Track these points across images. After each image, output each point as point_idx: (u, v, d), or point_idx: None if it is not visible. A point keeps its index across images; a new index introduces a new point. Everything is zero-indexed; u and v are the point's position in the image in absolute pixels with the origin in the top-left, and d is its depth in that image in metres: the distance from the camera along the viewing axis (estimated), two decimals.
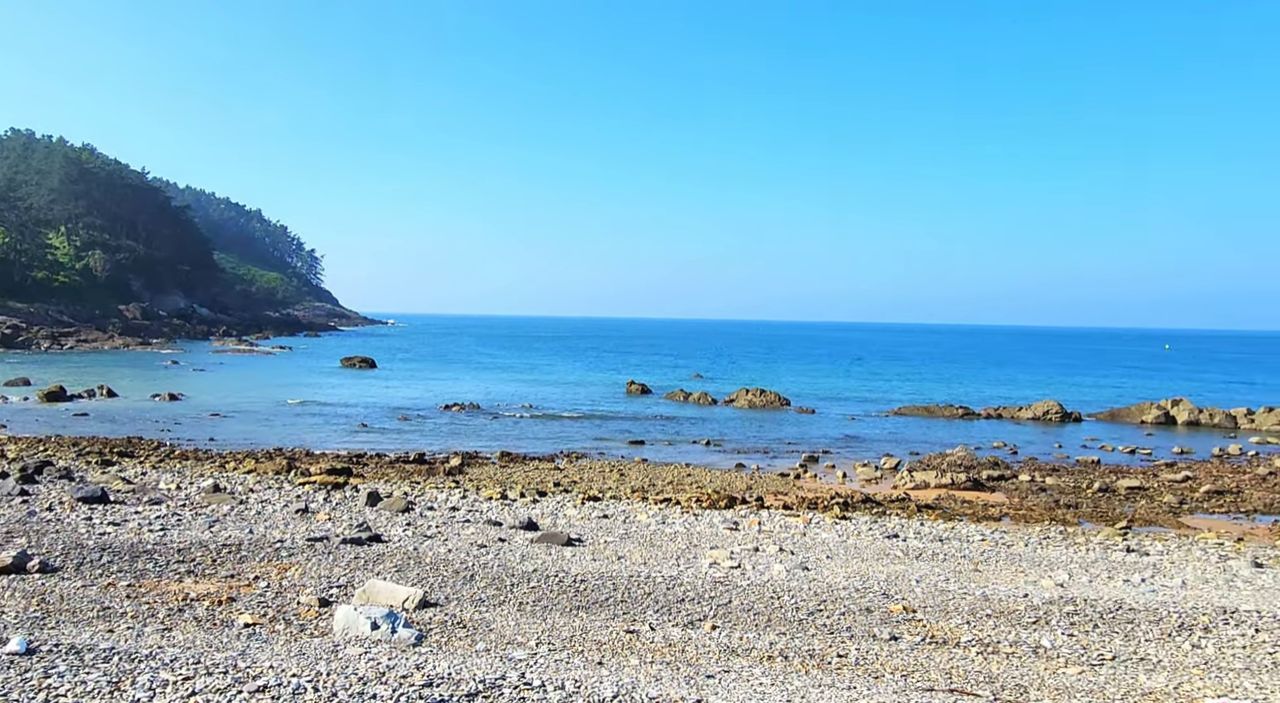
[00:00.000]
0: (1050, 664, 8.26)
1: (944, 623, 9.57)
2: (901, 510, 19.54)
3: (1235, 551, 15.19)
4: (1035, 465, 27.43)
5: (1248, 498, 22.15)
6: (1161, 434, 37.19)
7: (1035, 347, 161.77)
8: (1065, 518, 19.42)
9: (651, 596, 10.25)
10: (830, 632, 9.11)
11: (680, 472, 25.09)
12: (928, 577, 11.89)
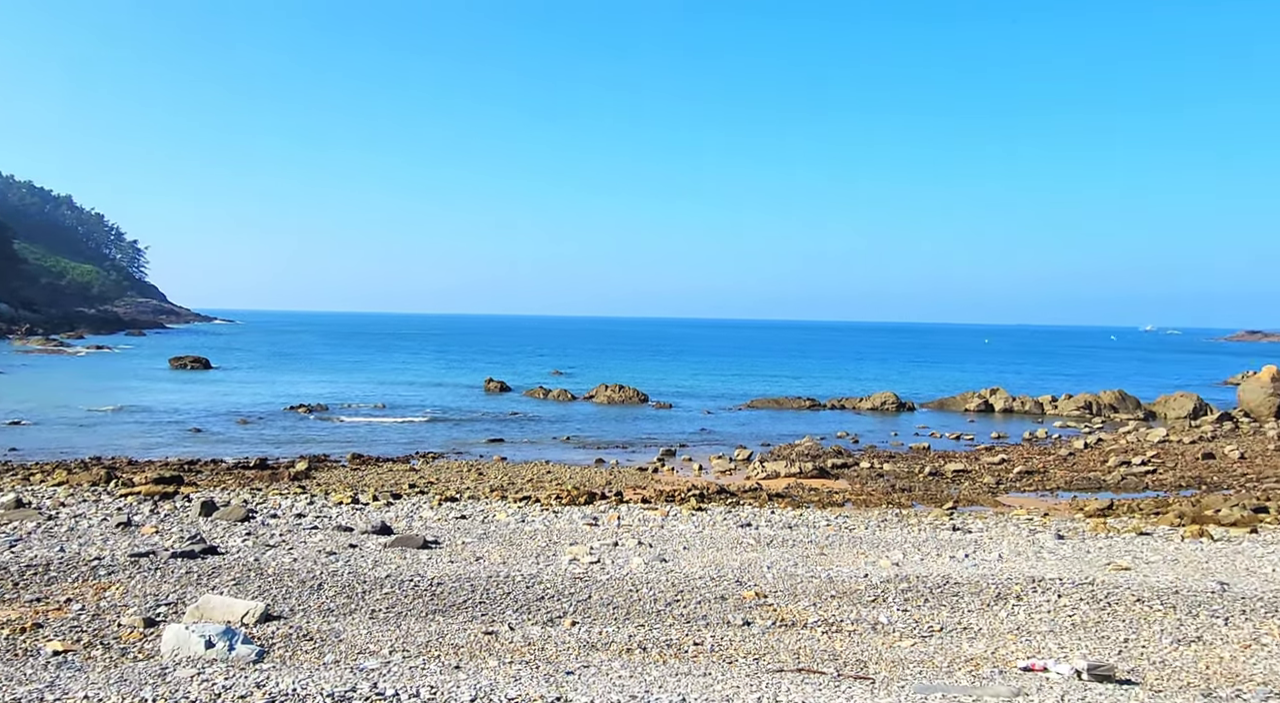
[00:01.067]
0: (887, 639, 8.86)
1: (793, 606, 10.05)
2: (754, 500, 20.34)
3: (1042, 525, 16.85)
4: (874, 453, 29.32)
5: (1052, 477, 24.67)
6: (982, 421, 40.71)
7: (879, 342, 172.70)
8: (900, 501, 20.88)
9: (511, 595, 10.15)
10: (687, 621, 9.36)
11: (540, 469, 24.97)
12: (778, 563, 12.44)
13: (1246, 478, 24.08)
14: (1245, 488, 22.64)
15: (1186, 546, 14.46)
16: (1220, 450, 28.14)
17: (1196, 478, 24.31)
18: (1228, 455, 27.35)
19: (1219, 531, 16.25)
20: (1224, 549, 14.09)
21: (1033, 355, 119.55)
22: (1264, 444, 29.60)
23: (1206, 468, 25.78)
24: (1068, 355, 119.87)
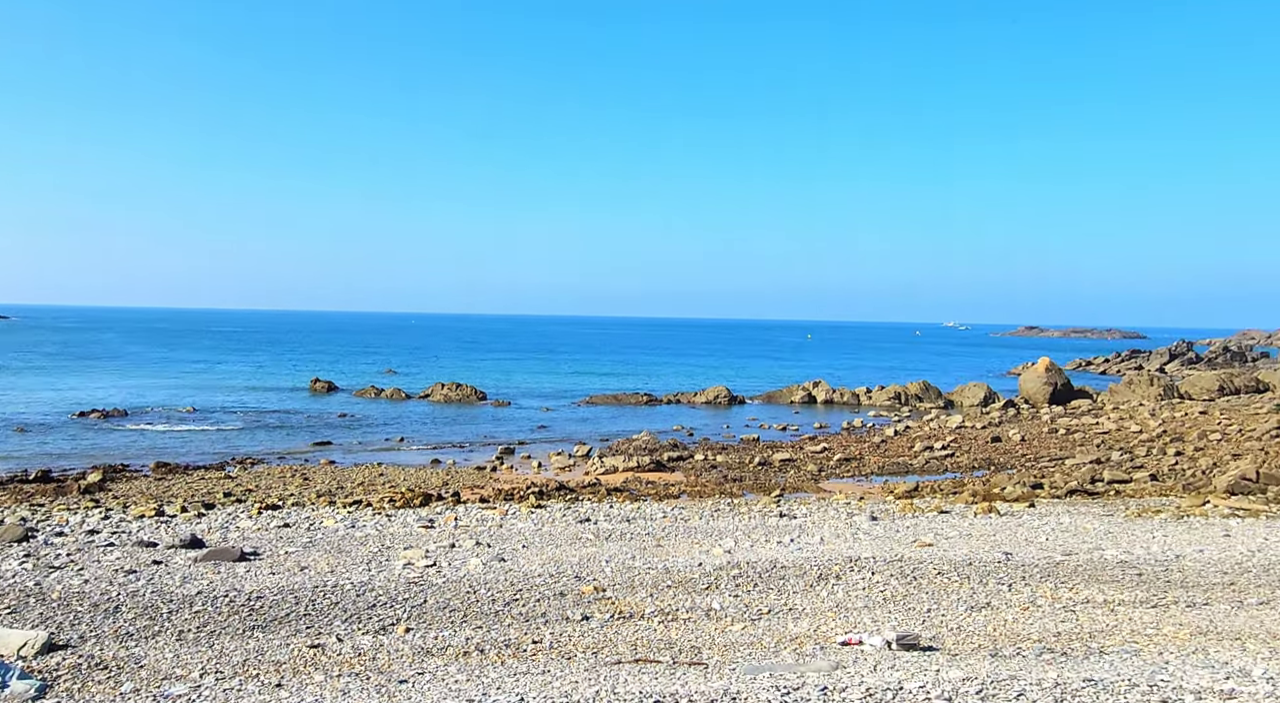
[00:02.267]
0: (720, 624, 9.22)
1: (630, 598, 10.23)
2: (593, 495, 20.52)
3: (859, 508, 18.16)
4: (708, 445, 30.41)
5: (867, 463, 26.63)
6: (806, 412, 43.26)
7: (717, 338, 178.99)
8: (732, 491, 21.80)
9: (340, 605, 9.65)
10: (526, 620, 9.30)
11: (372, 472, 23.93)
12: (617, 556, 12.62)
13: (1026, 458, 27.10)
14: (1025, 467, 25.49)
15: (978, 521, 16.08)
16: (1005, 434, 31.49)
17: (986, 460, 27.07)
18: (1011, 438, 30.65)
19: (1004, 506, 18.18)
20: (1009, 523, 15.79)
21: (850, 350, 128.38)
22: (1040, 428, 33.43)
23: (995, 450, 28.76)
24: (880, 350, 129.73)
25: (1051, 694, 5.52)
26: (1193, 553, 12.44)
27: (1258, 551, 12.57)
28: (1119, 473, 23.38)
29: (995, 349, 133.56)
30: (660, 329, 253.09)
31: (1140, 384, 43.93)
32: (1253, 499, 19.41)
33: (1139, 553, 12.50)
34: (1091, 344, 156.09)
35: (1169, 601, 9.83)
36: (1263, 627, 8.62)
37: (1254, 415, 33.18)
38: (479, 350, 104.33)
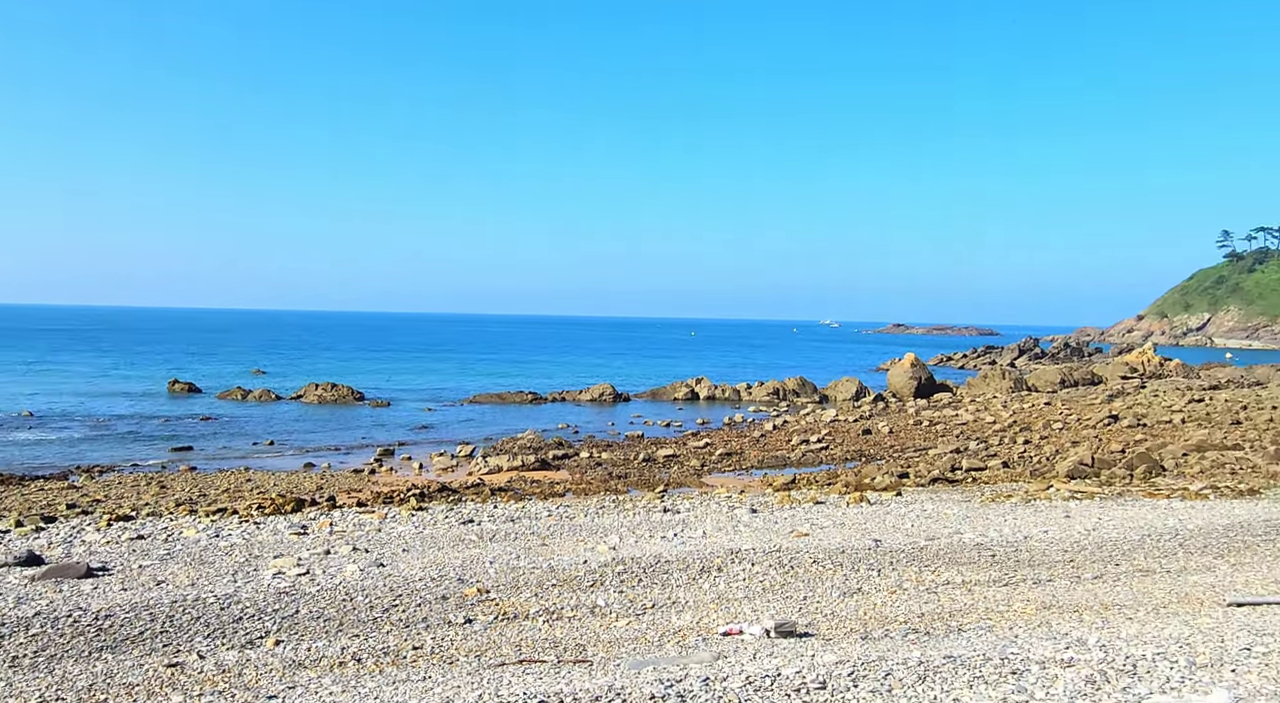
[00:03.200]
0: (605, 621, 9.27)
1: (515, 598, 10.13)
2: (477, 496, 20.18)
3: (739, 501, 18.67)
4: (593, 443, 30.48)
5: (748, 457, 27.41)
6: (689, 408, 44.07)
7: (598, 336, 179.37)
8: (617, 488, 21.94)
9: (202, 620, 9.08)
10: (406, 626, 9.04)
11: (238, 478, 22.62)
12: (501, 557, 12.46)
13: (894, 449, 28.64)
14: (893, 458, 26.92)
15: (851, 510, 16.86)
16: (875, 427, 33.16)
17: (858, 451, 28.42)
18: (881, 431, 32.30)
19: (874, 496, 19.15)
20: (878, 511, 16.64)
21: (731, 347, 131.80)
22: (906, 420, 35.39)
23: (866, 442, 30.23)
24: (760, 347, 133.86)
25: (916, 672, 5.85)
26: (1038, 534, 13.49)
27: (1093, 529, 13.77)
28: (976, 461, 25.06)
29: (866, 346, 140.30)
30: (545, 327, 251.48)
31: (994, 378, 47.25)
32: (1089, 483, 21.26)
33: (993, 536, 13.44)
34: (952, 341, 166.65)
35: (1018, 579, 10.63)
36: (1096, 599, 9.46)
37: (1090, 406, 36.35)
38: (359, 349, 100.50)
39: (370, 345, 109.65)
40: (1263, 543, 12.37)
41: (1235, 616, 8.02)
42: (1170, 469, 23.68)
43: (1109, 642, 6.77)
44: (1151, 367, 56.81)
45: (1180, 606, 8.93)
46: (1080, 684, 5.34)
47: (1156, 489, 20.01)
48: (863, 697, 5.35)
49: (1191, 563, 11.31)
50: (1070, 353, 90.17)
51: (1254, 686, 5.21)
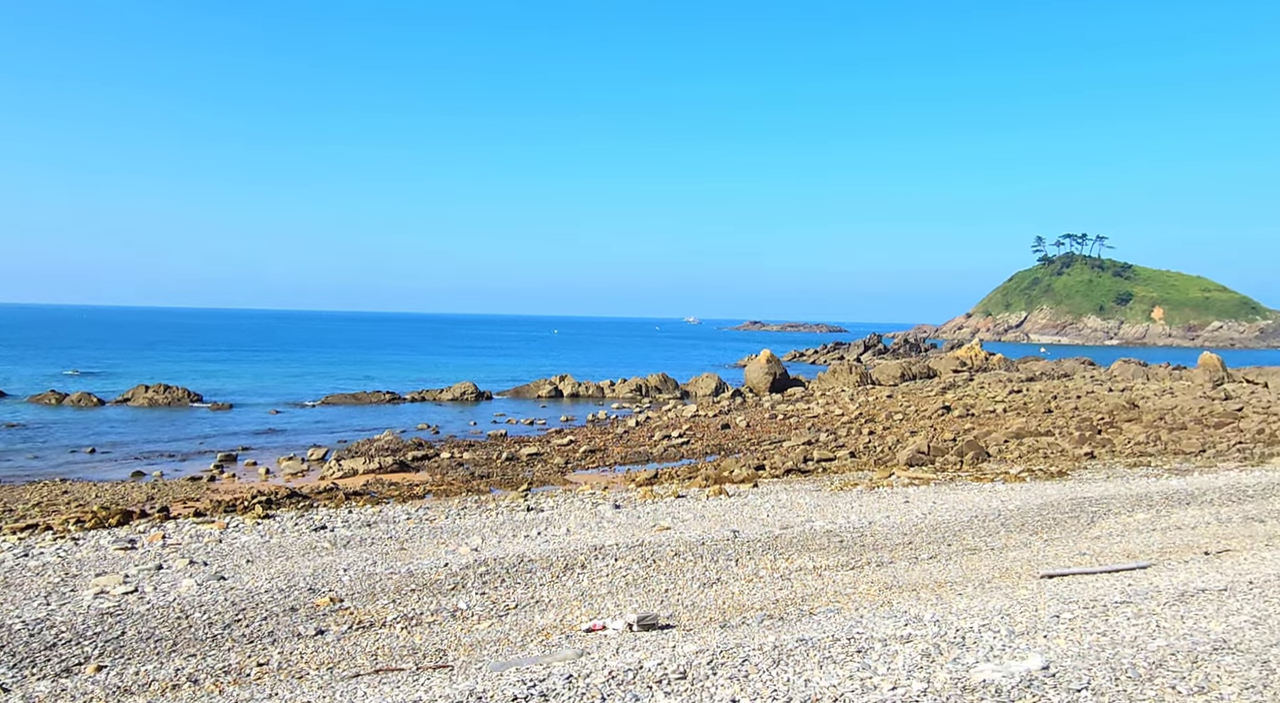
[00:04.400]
0: (466, 624, 9.09)
1: (371, 606, 9.74)
2: (330, 501, 19.25)
3: (603, 497, 18.80)
4: (455, 443, 29.79)
5: (611, 453, 27.65)
6: (553, 406, 43.92)
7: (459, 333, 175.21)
8: (480, 488, 21.55)
9: (7, 649, 8.16)
10: (250, 641, 8.50)
11: (52, 489, 20.50)
12: (356, 563, 11.95)
13: (751, 442, 29.73)
14: (750, 451, 27.95)
15: (711, 503, 17.36)
16: (734, 421, 34.30)
17: (718, 445, 29.30)
18: (739, 425, 33.45)
19: (733, 488, 19.81)
20: (736, 503, 17.22)
21: (595, 345, 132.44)
22: (762, 414, 36.83)
23: (725, 436, 31.21)
24: (623, 344, 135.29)
25: (770, 657, 6.10)
26: (881, 519, 14.40)
27: (929, 513, 14.85)
28: (826, 452, 26.43)
29: (725, 342, 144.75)
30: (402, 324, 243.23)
31: (842, 373, 49.98)
32: (925, 469, 22.92)
33: (841, 523, 14.22)
34: (804, 337, 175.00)
35: (863, 562, 11.31)
36: (931, 578, 10.21)
37: (926, 398, 39.18)
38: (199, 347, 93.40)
39: (211, 344, 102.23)
40: (1069, 520, 13.76)
41: (1048, 586, 8.87)
42: (994, 455, 25.92)
43: (942, 617, 7.32)
44: (978, 361, 61.90)
45: (1002, 580, 9.78)
46: (917, 658, 5.74)
47: (983, 474, 21.83)
48: (721, 684, 5.52)
49: (1011, 541, 12.41)
50: (909, 349, 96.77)
51: (1062, 649, 5.80)
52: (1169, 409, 33.65)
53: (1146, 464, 23.72)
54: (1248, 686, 4.55)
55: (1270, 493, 15.13)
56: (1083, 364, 59.50)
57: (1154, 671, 4.94)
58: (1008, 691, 4.72)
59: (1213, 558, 9.64)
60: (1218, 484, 16.58)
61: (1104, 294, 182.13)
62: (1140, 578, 8.71)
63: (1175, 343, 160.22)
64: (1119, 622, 6.48)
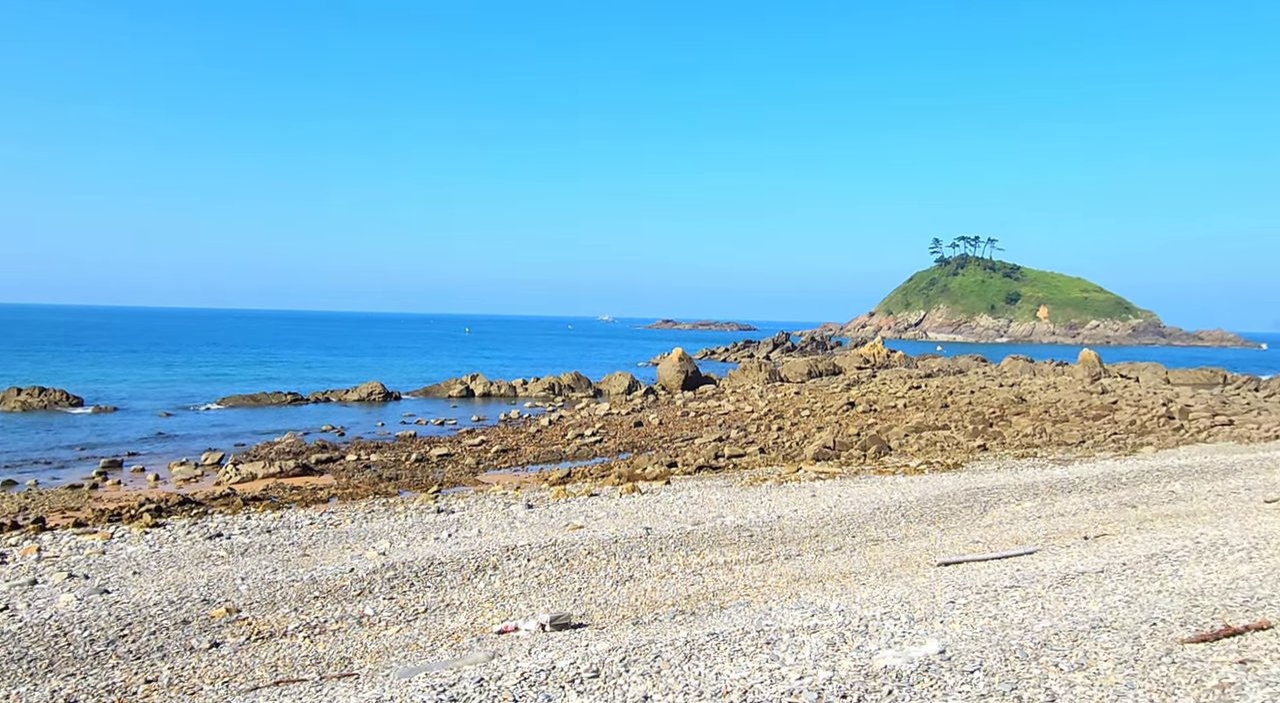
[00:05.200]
0: (373, 630, 8.83)
1: (271, 615, 9.35)
2: (226, 507, 18.38)
3: (515, 497, 18.61)
4: (361, 444, 28.91)
5: (524, 453, 27.40)
6: (464, 405, 43.18)
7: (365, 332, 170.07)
8: (388, 490, 20.99)
9: None
10: (137, 658, 8.03)
11: None
12: (255, 572, 11.45)
13: (663, 440, 29.99)
14: (663, 448, 28.19)
15: (624, 501, 17.42)
16: (647, 419, 34.52)
17: (631, 443, 29.43)
18: (652, 423, 33.69)
19: (646, 485, 19.93)
20: (649, 500, 17.34)
21: (507, 344, 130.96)
22: (675, 411, 37.21)
23: (638, 434, 31.38)
24: (536, 343, 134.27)
25: (683, 652, 6.17)
26: (789, 513, 14.77)
27: (834, 506, 15.33)
28: (736, 448, 26.91)
29: (638, 341, 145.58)
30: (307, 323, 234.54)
31: (752, 370, 50.99)
32: (831, 464, 23.64)
33: (751, 517, 14.51)
34: (715, 335, 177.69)
35: (773, 556, 11.57)
36: (837, 569, 10.54)
37: (831, 394, 40.42)
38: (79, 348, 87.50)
39: (96, 344, 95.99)
40: (964, 509, 14.45)
41: (944, 574, 9.29)
42: (896, 449, 26.96)
43: (847, 607, 7.56)
44: (880, 358, 64.25)
45: (903, 569, 10.18)
46: (823, 648, 5.92)
47: (885, 467, 22.68)
48: (634, 681, 5.54)
49: (911, 531, 12.94)
50: (816, 346, 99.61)
51: (957, 633, 6.08)
52: (1053, 403, 35.77)
53: (1033, 455, 25.15)
54: (1121, 660, 4.88)
55: (1141, 480, 16.28)
56: (976, 361, 62.58)
57: (1039, 650, 5.24)
58: (907, 675, 4.92)
59: (1091, 542, 10.29)
60: (1095, 473, 17.72)
61: (995, 294, 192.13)
62: (1027, 563, 9.22)
63: (1059, 340, 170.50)
64: (1008, 605, 6.84)
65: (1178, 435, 28.69)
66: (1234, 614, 5.69)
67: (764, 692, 4.91)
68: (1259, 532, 9.15)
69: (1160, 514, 12.33)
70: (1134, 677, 4.58)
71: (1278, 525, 9.54)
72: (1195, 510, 12.35)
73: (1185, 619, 5.72)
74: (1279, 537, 8.54)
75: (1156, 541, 9.49)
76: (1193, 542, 8.94)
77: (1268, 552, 7.85)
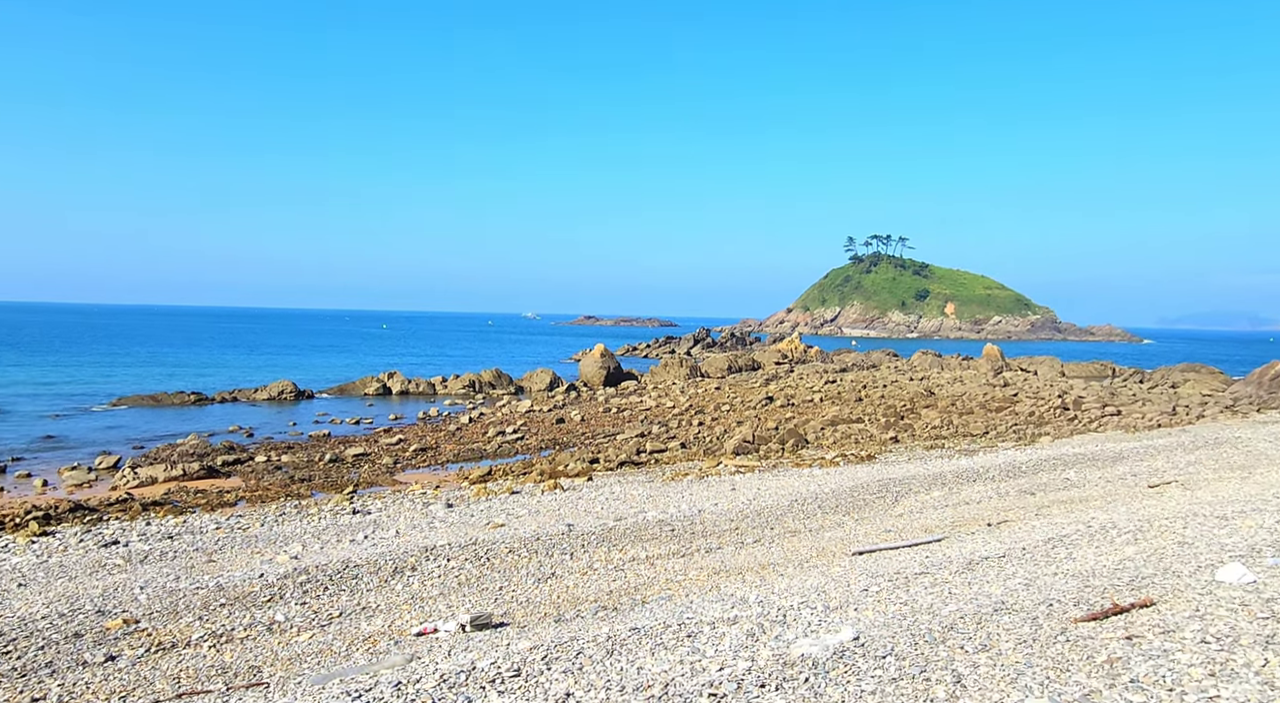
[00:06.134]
0: (284, 637, 8.53)
1: (173, 625, 8.92)
2: (124, 513, 17.42)
3: (434, 497, 18.27)
4: (271, 445, 27.85)
5: (443, 451, 26.91)
6: (381, 404, 42.10)
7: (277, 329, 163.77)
8: (300, 492, 20.28)
9: None
10: (22, 674, 7.54)
11: None
12: (156, 580, 10.90)
13: (586, 436, 29.95)
14: (585, 444, 28.14)
15: (546, 498, 17.32)
16: (569, 415, 34.40)
17: (553, 440, 29.27)
18: (574, 419, 33.59)
19: (568, 482, 19.87)
20: (571, 497, 17.29)
21: (425, 340, 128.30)
22: (597, 408, 37.19)
23: (560, 430, 31.23)
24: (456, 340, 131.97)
25: (604, 648, 6.18)
26: (710, 507, 14.97)
27: (754, 499, 15.61)
28: (658, 444, 27.10)
29: (560, 337, 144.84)
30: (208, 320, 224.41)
31: (673, 366, 51.42)
32: (750, 458, 24.07)
33: (672, 512, 14.64)
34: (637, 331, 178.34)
35: (694, 549, 11.70)
36: (756, 561, 10.74)
37: (751, 389, 41.14)
38: None
39: None
40: (876, 500, 14.94)
41: (858, 563, 9.59)
42: (813, 442, 27.65)
43: (765, 597, 7.72)
44: (798, 353, 65.74)
45: (819, 559, 10.46)
46: (743, 638, 6.02)
47: (802, 460, 23.24)
48: (555, 678, 5.52)
49: (827, 522, 13.30)
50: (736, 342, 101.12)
51: (870, 620, 6.28)
52: (959, 396, 37.33)
53: (941, 446, 26.20)
54: (1021, 640, 5.14)
55: (1039, 469, 17.16)
56: (888, 356, 64.72)
57: (946, 633, 5.46)
58: (823, 662, 5.05)
59: (994, 529, 10.79)
60: (998, 463, 18.59)
61: (906, 291, 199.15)
62: (936, 550, 9.60)
63: (964, 336, 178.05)
64: (918, 591, 7.11)
65: (1072, 425, 30.37)
66: (1121, 593, 6.07)
67: (685, 684, 4.96)
68: (1143, 515, 9.77)
69: (1056, 501, 13.03)
70: (1032, 655, 4.82)
71: (1160, 509, 10.21)
72: (1087, 496, 13.10)
73: (1078, 599, 6.05)
74: (1161, 519, 9.14)
75: (1053, 526, 10.02)
76: (1085, 526, 9.48)
77: (1151, 534, 8.39)
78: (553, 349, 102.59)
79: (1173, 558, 7.02)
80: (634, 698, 4.83)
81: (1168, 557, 7.11)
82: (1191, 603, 5.48)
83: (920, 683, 4.55)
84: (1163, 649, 4.64)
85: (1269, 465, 14.63)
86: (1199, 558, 6.83)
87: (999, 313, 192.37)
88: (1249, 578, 5.90)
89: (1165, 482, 13.74)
